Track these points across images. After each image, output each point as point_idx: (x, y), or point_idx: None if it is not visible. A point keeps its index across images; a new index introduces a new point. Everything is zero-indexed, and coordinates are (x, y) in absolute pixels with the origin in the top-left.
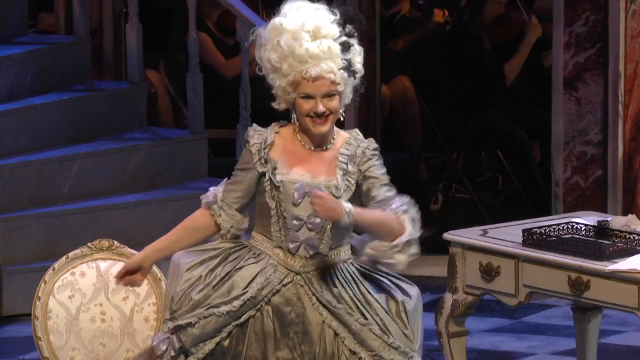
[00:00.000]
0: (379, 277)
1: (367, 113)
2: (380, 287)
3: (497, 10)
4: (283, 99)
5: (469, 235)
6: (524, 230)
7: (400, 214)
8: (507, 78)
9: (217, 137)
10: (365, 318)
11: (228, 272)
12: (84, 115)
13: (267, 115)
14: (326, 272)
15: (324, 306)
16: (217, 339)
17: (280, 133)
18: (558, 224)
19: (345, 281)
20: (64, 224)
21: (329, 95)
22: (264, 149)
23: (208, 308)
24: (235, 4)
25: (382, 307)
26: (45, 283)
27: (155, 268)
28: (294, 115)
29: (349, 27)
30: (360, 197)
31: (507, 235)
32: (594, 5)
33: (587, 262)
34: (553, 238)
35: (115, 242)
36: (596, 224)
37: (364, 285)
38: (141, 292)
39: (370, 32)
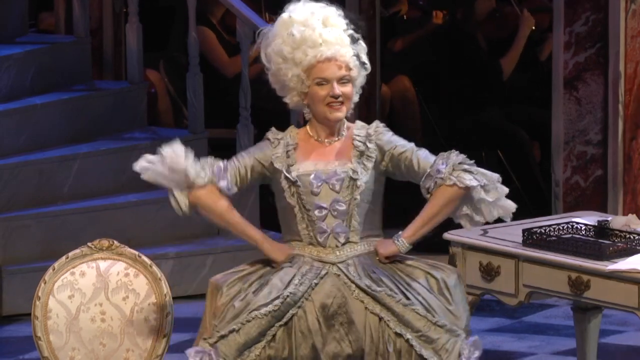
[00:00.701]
0: (414, 260)
1: (367, 113)
2: (417, 269)
3: (489, 5)
4: (296, 91)
5: (469, 235)
6: (524, 230)
7: (448, 176)
8: (504, 72)
9: (217, 136)
10: (408, 298)
11: (267, 279)
12: (84, 115)
13: (267, 115)
14: (361, 259)
15: (364, 291)
16: (262, 343)
17: (298, 134)
18: (558, 224)
19: (382, 267)
20: (64, 223)
21: (343, 81)
22: (290, 145)
23: (250, 312)
24: (236, 3)
25: (422, 286)
26: (45, 283)
27: (155, 268)
28: (306, 110)
29: (353, 25)
30: (405, 176)
31: (507, 235)
32: (594, 5)
33: (587, 262)
34: (553, 238)
35: (115, 242)
36: (596, 224)
37: (401, 269)
38: (141, 292)
39: (370, 32)
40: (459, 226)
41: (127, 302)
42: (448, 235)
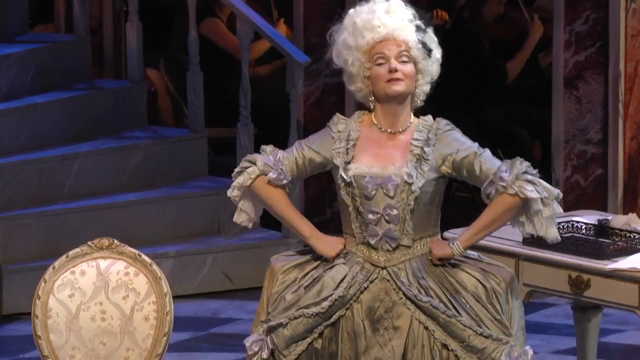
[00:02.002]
0: (467, 264)
1: (367, 111)
2: (468, 275)
3: (497, 10)
4: (360, 77)
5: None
6: None
7: (510, 185)
8: (509, 76)
9: (217, 135)
10: (454, 308)
11: (320, 274)
12: (84, 114)
13: (267, 115)
14: (412, 264)
15: (411, 300)
16: (308, 339)
17: (363, 122)
18: (558, 223)
19: (432, 272)
20: (65, 222)
21: (403, 59)
22: (351, 140)
23: (298, 309)
24: (236, 3)
25: (471, 294)
26: (45, 282)
27: (155, 267)
28: (371, 98)
29: (423, 21)
30: (466, 180)
31: (507, 234)
32: (595, 4)
33: (588, 260)
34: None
35: (116, 241)
36: (596, 223)
37: (451, 274)
38: (141, 291)
39: None
40: (459, 225)
41: (127, 301)
42: (448, 235)
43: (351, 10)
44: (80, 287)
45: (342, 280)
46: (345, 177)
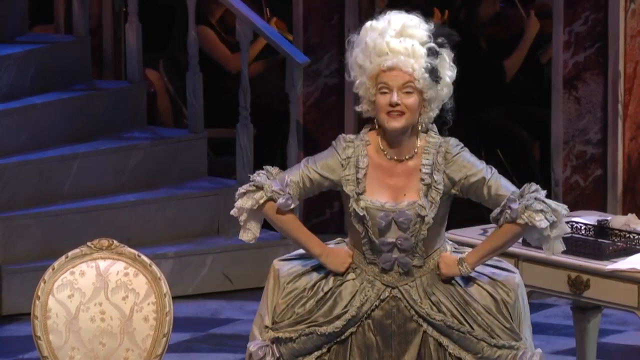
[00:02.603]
0: (476, 274)
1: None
2: (478, 286)
3: (493, 9)
4: (365, 99)
5: (469, 234)
6: None
7: (519, 215)
8: (507, 74)
9: (216, 136)
10: (466, 321)
11: (331, 288)
12: (83, 114)
13: (266, 115)
14: (422, 280)
15: (423, 318)
16: (317, 353)
17: (370, 146)
18: None
19: (441, 285)
20: (64, 223)
21: (406, 90)
22: (360, 169)
23: (310, 326)
24: (235, 3)
25: (482, 306)
26: (44, 282)
27: (154, 267)
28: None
29: (441, 38)
30: (474, 200)
31: None
32: (594, 5)
33: (587, 261)
34: None
35: (115, 242)
36: (596, 224)
37: (461, 286)
38: (140, 292)
39: None
40: (459, 226)
41: (127, 302)
42: (448, 235)
43: (367, 24)
44: (80, 287)
45: (353, 297)
46: (358, 210)
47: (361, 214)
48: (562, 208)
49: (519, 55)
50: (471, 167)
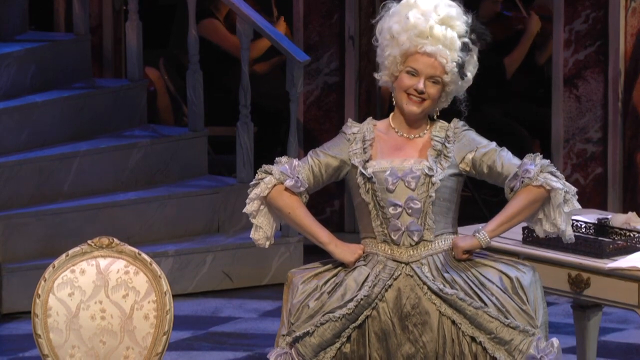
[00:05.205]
0: (488, 258)
1: (367, 109)
2: (492, 267)
3: (493, 9)
4: (389, 71)
5: (469, 233)
6: (524, 228)
7: (536, 177)
8: (508, 71)
9: (217, 134)
10: (481, 300)
11: (342, 278)
12: (84, 112)
13: (267, 113)
14: (435, 259)
15: (436, 294)
16: (337, 344)
17: (376, 126)
18: None
19: (455, 266)
20: (64, 221)
21: (434, 79)
22: (367, 140)
23: (324, 314)
24: (236, 1)
25: (496, 286)
26: (45, 281)
27: (155, 266)
28: (393, 94)
29: (474, 35)
30: (485, 177)
31: (507, 233)
32: (595, 3)
33: (587, 259)
34: (553, 236)
35: (115, 240)
36: (596, 222)
37: (475, 268)
38: (141, 290)
39: (369, 31)
40: (460, 224)
41: (127, 300)
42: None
43: None
44: (80, 285)
45: (365, 281)
46: (365, 173)
47: (369, 176)
48: (573, 187)
49: (520, 53)
50: (480, 140)
